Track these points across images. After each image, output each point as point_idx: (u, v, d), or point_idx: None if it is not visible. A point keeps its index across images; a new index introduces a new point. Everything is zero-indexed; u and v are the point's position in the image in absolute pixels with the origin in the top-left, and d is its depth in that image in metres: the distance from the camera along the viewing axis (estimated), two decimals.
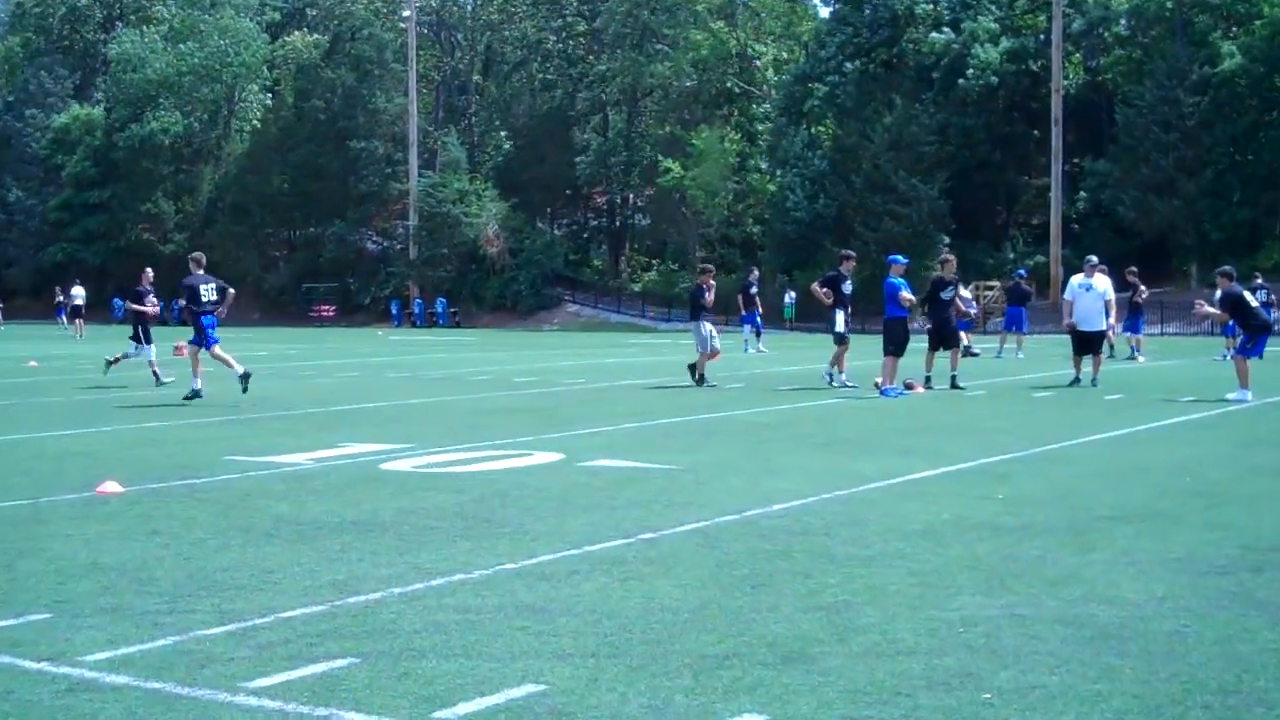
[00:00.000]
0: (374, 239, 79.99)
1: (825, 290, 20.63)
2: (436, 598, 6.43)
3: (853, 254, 21.79)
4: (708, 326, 21.80)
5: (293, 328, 67.67)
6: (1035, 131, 61.68)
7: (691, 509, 8.99)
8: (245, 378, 18.65)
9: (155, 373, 22.22)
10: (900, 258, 20.43)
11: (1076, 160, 61.04)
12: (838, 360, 20.68)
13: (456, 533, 8.18)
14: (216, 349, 18.94)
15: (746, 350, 32.82)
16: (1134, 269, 30.61)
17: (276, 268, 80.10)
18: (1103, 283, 21.66)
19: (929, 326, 21.10)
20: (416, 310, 71.00)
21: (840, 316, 20.46)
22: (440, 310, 70.37)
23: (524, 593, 6.53)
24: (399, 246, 77.06)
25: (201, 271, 19.37)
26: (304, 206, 78.33)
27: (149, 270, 23.98)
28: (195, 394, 18.56)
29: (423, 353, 36.21)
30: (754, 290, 34.95)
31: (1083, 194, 59.47)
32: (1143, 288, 30.07)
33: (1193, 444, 13.05)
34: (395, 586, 6.68)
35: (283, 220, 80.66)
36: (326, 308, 74.86)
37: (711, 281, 22.50)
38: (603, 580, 6.80)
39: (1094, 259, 22.33)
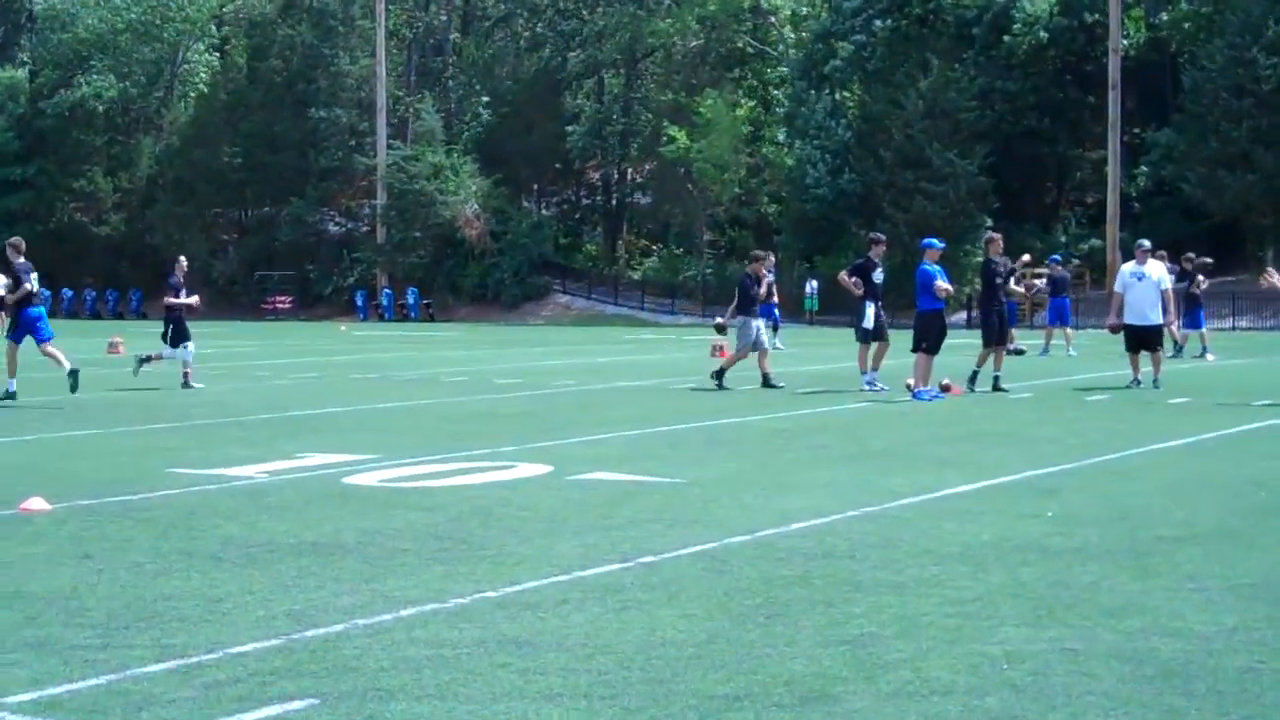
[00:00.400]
0: (337, 220, 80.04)
1: (855, 280, 20.66)
2: (406, 630, 6.45)
3: (882, 237, 21.85)
4: (757, 323, 21.76)
5: (244, 321, 67.76)
6: (1090, 97, 61.63)
7: (697, 529, 9.06)
8: (74, 374, 19.29)
9: (187, 375, 22.30)
10: (935, 241, 20.47)
11: (1137, 130, 60.99)
12: (869, 358, 20.68)
13: (430, 556, 8.19)
14: (49, 345, 19.61)
15: None
16: (1191, 255, 30.56)
17: (226, 253, 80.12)
18: (1157, 270, 21.69)
19: (980, 318, 21.04)
20: (385, 302, 71.07)
21: (870, 310, 20.52)
22: (412, 302, 70.38)
23: (506, 625, 6.54)
24: (365, 229, 77.08)
25: (23, 259, 19.66)
26: (257, 183, 78.32)
27: (183, 260, 23.99)
28: (10, 395, 19.09)
29: (392, 350, 36.36)
30: (771, 279, 34.92)
31: (1144, 168, 59.47)
32: (1201, 278, 30.02)
33: (1268, 455, 13.08)
34: (359, 618, 6.70)
35: (232, 199, 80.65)
36: (282, 299, 74.88)
37: (764, 271, 22.50)
38: (596, 610, 6.82)
39: (1146, 243, 22.34)
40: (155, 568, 7.96)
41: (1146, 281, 21.36)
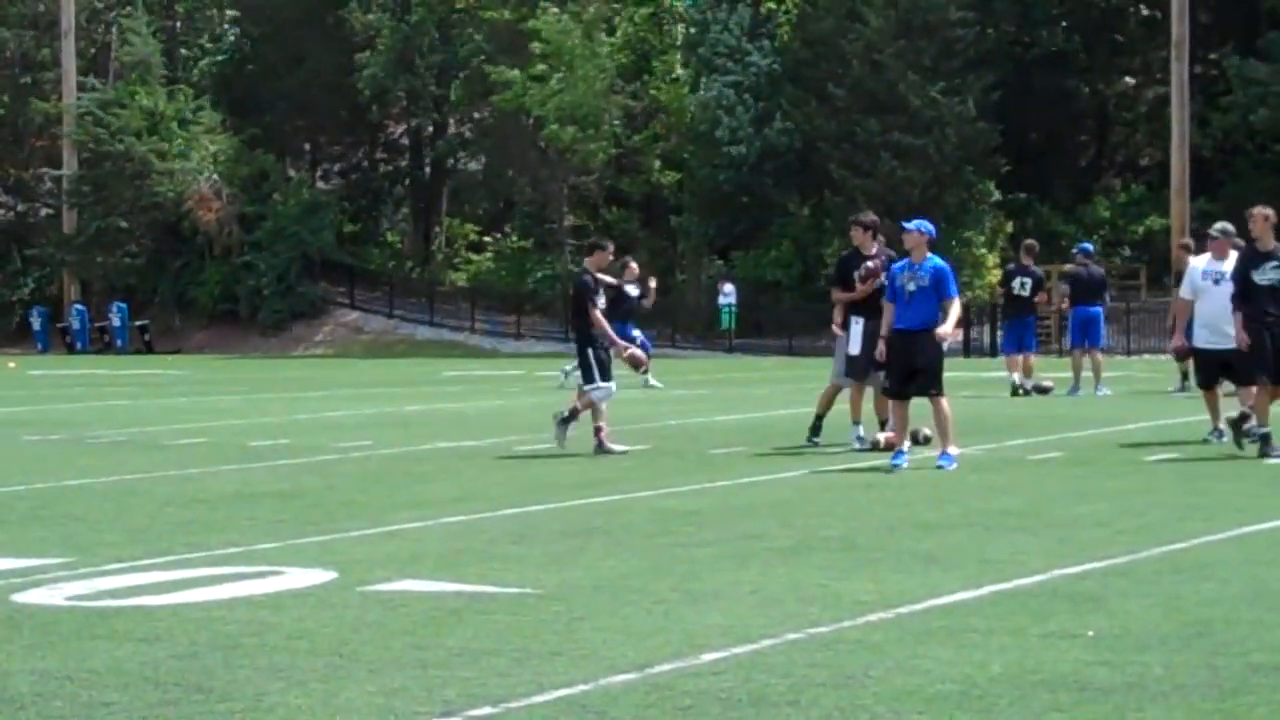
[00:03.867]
0: (1, 199, 73.67)
1: (842, 288, 18.27)
2: None
3: (872, 218, 19.07)
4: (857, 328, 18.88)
5: None
6: (1144, 7, 57.14)
7: (560, 664, 8.22)
8: None
9: (599, 432, 19.08)
10: (925, 225, 17.45)
11: (1213, 56, 56.32)
12: (832, 397, 18.67)
13: (148, 712, 7.33)
14: None
15: (648, 384, 30.58)
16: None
17: None
18: None
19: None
20: (76, 324, 66.05)
21: (858, 329, 18.26)
22: (118, 324, 65.08)
23: None
24: (45, 212, 71.52)
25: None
26: None
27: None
28: None
29: (87, 398, 34.17)
30: (638, 293, 32.21)
31: (1224, 113, 54.03)
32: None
33: None
34: None
35: None
36: None
37: (873, 259, 18.95)
38: None
39: (1225, 227, 19.07)
40: None
41: (1227, 284, 18.24)
